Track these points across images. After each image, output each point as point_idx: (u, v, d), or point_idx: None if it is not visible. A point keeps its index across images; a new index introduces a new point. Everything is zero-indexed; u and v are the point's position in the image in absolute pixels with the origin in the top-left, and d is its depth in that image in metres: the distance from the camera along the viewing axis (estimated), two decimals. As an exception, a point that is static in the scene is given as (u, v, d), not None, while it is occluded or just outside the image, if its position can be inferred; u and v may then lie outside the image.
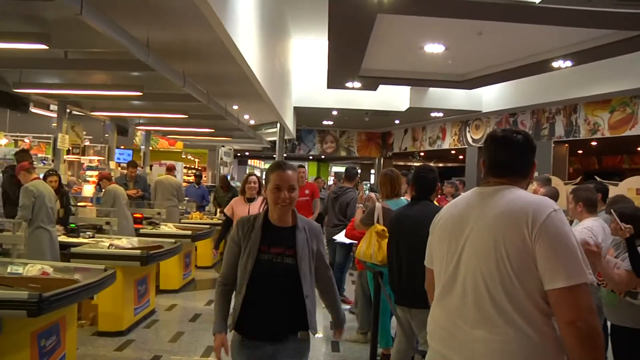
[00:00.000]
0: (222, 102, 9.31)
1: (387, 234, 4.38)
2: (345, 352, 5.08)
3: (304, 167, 9.89)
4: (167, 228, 7.40)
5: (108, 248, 5.36)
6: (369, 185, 5.62)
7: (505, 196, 1.83)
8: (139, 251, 5.16)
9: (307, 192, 7.66)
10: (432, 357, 1.97)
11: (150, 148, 14.16)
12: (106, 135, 11.49)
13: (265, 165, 29.56)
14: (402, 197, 4.67)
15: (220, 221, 9.25)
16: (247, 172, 25.69)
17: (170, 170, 9.30)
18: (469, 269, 1.82)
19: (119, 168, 11.44)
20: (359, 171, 23.18)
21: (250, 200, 5.26)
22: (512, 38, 8.53)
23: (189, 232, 7.19)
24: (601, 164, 19.41)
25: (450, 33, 8.58)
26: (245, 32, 6.00)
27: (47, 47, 4.67)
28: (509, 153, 1.94)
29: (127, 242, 5.69)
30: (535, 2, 6.03)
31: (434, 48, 9.39)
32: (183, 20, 5.15)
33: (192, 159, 19.47)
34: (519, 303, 1.69)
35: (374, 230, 4.37)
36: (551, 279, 1.64)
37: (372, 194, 5.42)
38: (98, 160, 13.14)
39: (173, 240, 6.17)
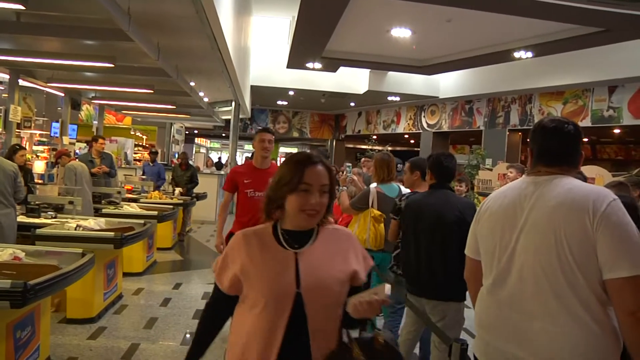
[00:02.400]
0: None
1: (383, 219, 4.33)
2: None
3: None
4: (131, 208, 7.07)
5: (75, 229, 5.05)
6: (350, 166, 5.54)
7: (562, 185, 1.80)
8: (112, 233, 4.87)
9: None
10: (483, 348, 1.96)
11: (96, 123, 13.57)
12: (59, 109, 10.87)
13: (212, 144, 29.00)
14: (393, 182, 4.60)
15: (180, 201, 9.01)
16: (194, 150, 25.14)
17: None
18: (527, 260, 1.80)
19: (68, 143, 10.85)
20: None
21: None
22: (479, 27, 8.64)
23: (155, 213, 6.90)
24: (547, 153, 20.20)
25: (420, 18, 8.59)
26: (225, 4, 5.76)
27: (24, 8, 4.26)
28: (561, 142, 1.91)
29: (94, 223, 5.36)
30: (516, -8, 6.10)
31: (401, 32, 9.39)
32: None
33: (141, 135, 18.78)
34: (580, 293, 1.68)
35: (369, 214, 4.31)
36: (612, 268, 1.62)
37: (355, 176, 5.32)
38: (39, 134, 12.46)
39: (141, 221, 5.90)
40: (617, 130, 13.64)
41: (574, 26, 7.87)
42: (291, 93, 15.35)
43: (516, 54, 9.45)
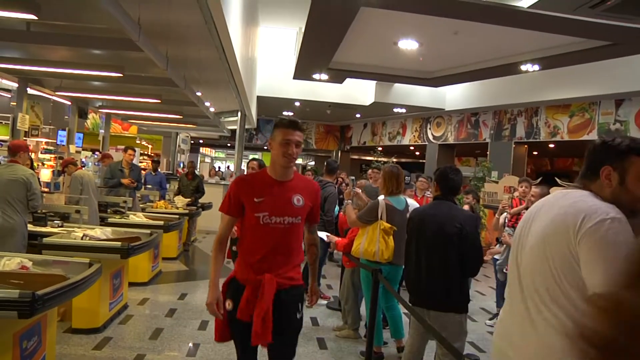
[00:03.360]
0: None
1: (392, 231, 4.32)
2: (333, 349, 4.99)
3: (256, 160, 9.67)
4: (137, 218, 7.07)
5: (82, 239, 5.04)
6: (354, 179, 5.54)
7: (569, 198, 1.82)
8: (119, 243, 4.86)
9: None
10: (494, 353, 2.04)
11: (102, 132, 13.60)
12: (65, 117, 10.92)
13: (217, 154, 29.09)
14: (400, 195, 4.62)
15: (186, 211, 9.00)
16: (199, 160, 25.19)
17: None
18: (526, 268, 1.86)
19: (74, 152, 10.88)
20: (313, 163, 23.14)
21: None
22: (486, 39, 8.65)
23: (161, 223, 6.88)
24: (553, 166, 20.18)
25: (427, 30, 8.60)
26: (234, 14, 5.79)
27: (36, 18, 4.28)
28: (587, 157, 1.93)
29: (101, 233, 5.36)
30: (523, 7, 6.11)
31: (408, 44, 9.40)
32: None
33: (146, 144, 18.82)
34: (559, 299, 1.69)
35: (379, 227, 4.30)
36: (587, 284, 1.61)
37: (359, 190, 5.34)
38: (45, 142, 12.51)
39: (148, 231, 5.89)
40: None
41: (581, 40, 7.87)
42: (297, 104, 15.38)
43: (523, 67, 9.46)
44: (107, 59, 6.88)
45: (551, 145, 14.53)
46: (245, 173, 9.22)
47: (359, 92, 14.11)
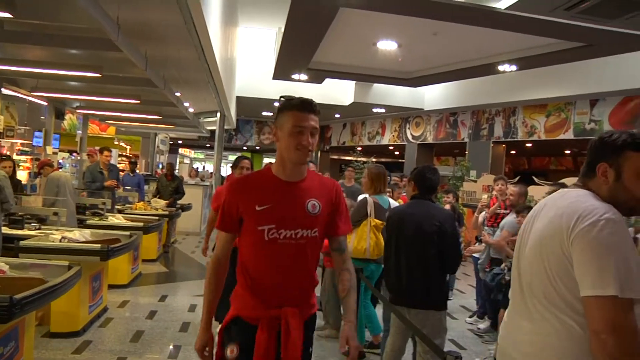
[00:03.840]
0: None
1: (382, 227, 4.37)
2: (315, 349, 4.98)
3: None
4: (116, 219, 6.99)
5: (60, 241, 4.97)
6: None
7: (567, 198, 1.79)
8: (98, 245, 4.81)
9: None
10: (499, 354, 2.00)
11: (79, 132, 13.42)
12: (42, 118, 10.75)
13: (196, 155, 28.88)
14: (384, 195, 4.70)
15: (165, 212, 8.93)
16: (178, 160, 24.98)
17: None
18: (525, 266, 1.85)
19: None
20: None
21: None
22: (464, 40, 8.74)
23: (141, 224, 6.82)
24: (530, 165, 20.48)
25: (406, 31, 8.66)
26: (213, 14, 5.76)
27: (11, 16, 4.21)
28: (587, 155, 1.90)
29: (79, 235, 5.29)
30: (500, 8, 6.19)
31: (387, 45, 9.46)
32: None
33: (125, 145, 18.61)
34: (555, 300, 1.69)
35: (369, 224, 4.36)
36: (581, 286, 1.60)
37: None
38: (21, 143, 12.30)
39: (127, 233, 5.83)
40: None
41: (557, 41, 8.00)
42: (276, 104, 15.32)
43: (500, 67, 9.58)
44: (85, 58, 6.79)
45: (528, 145, 14.76)
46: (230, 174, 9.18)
47: (339, 92, 14.14)
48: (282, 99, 2.23)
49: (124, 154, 18.01)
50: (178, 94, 9.78)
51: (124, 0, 4.63)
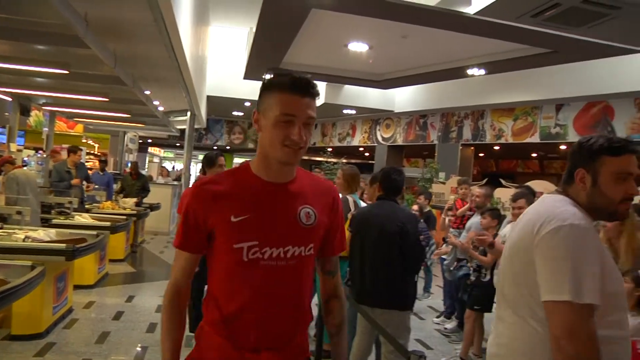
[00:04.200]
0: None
1: None
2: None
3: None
4: (82, 219, 6.88)
5: (24, 241, 4.87)
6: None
7: (542, 204, 1.79)
8: (63, 245, 4.72)
9: None
10: (488, 357, 2.01)
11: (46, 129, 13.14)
12: (6, 114, 10.48)
13: (166, 154, 28.54)
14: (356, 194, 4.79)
15: (133, 212, 8.82)
16: (147, 159, 24.63)
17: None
18: (502, 273, 1.87)
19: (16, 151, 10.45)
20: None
21: None
22: (434, 44, 8.86)
23: (108, 224, 6.73)
24: (498, 167, 20.85)
25: (377, 33, 8.74)
26: (184, 12, 5.72)
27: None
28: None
29: (44, 235, 5.19)
30: (469, 13, 6.31)
31: (358, 47, 9.54)
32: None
33: (93, 144, 18.28)
34: (521, 304, 1.71)
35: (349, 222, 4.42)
36: (540, 290, 1.62)
37: None
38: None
39: (94, 232, 5.74)
40: (563, 147, 14.17)
41: (524, 46, 8.19)
42: (247, 104, 15.29)
43: (469, 71, 9.75)
44: (51, 54, 6.66)
45: (496, 148, 15.02)
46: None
47: (310, 93, 14.15)
48: (268, 73, 1.55)
49: (92, 152, 17.69)
50: (148, 93, 9.66)
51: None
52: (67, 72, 5.68)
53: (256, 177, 1.61)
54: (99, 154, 17.74)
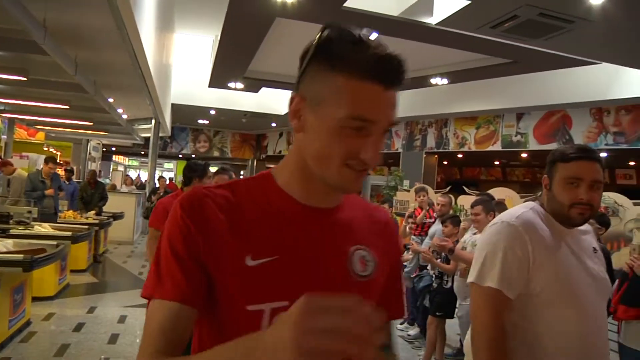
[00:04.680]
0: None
1: None
2: None
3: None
4: (42, 228, 6.71)
5: (-21, 252, 4.74)
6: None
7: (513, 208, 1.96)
8: (21, 256, 4.61)
9: None
10: None
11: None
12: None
13: (131, 162, 28.10)
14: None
15: (95, 221, 8.67)
16: (112, 168, 24.23)
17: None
18: None
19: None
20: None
21: None
22: (398, 53, 8.98)
23: (69, 234, 6.58)
24: (462, 175, 21.18)
25: (342, 43, 8.80)
26: (147, 19, 5.67)
27: None
28: None
29: (1, 246, 5.06)
30: (432, 24, 6.44)
31: (323, 55, 9.57)
32: (84, 1, 4.72)
33: (55, 152, 17.87)
34: None
35: None
36: None
37: None
38: None
39: (54, 242, 5.62)
40: (524, 155, 14.51)
41: (485, 57, 8.40)
42: (212, 112, 15.23)
43: (433, 80, 9.93)
44: (9, 60, 6.52)
45: (460, 155, 15.28)
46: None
47: (275, 101, 14.18)
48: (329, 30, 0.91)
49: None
50: (111, 100, 9.55)
51: (51, 1, 4.49)
52: (25, 78, 5.57)
53: (287, 197, 1.01)
54: (62, 162, 17.37)
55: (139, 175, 25.49)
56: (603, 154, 12.02)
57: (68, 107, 7.81)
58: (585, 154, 1.75)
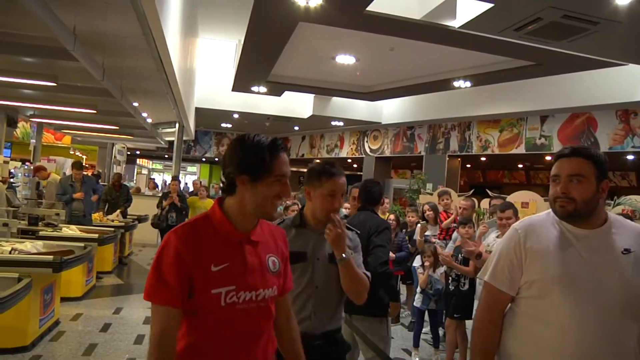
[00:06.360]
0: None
1: None
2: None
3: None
4: (70, 231, 6.86)
5: (10, 253, 4.86)
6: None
7: None
8: (51, 257, 4.72)
9: None
10: None
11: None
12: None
13: (155, 165, 28.44)
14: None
15: (122, 223, 8.81)
16: (136, 171, 24.55)
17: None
18: None
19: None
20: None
21: None
22: (420, 56, 8.98)
23: (96, 236, 6.71)
24: (485, 178, 21.01)
25: (364, 46, 8.84)
26: (172, 25, 5.77)
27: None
28: None
29: (31, 247, 5.18)
30: (454, 27, 6.42)
31: (345, 59, 9.63)
32: (112, 8, 4.82)
33: (81, 155, 18.22)
34: None
35: None
36: None
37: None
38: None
39: (82, 244, 5.74)
40: (548, 158, 14.33)
41: (509, 59, 8.33)
42: (236, 116, 15.35)
43: (455, 83, 9.87)
44: (40, 67, 6.68)
45: (483, 159, 15.16)
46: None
47: (298, 105, 14.25)
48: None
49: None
50: (136, 105, 9.70)
51: (80, 9, 4.61)
52: (55, 84, 5.71)
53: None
54: (87, 165, 17.69)
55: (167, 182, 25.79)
56: (630, 157, 11.84)
57: (95, 111, 7.96)
58: (565, 152, 1.88)
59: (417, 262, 6.19)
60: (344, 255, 2.24)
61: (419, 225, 6.58)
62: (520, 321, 1.88)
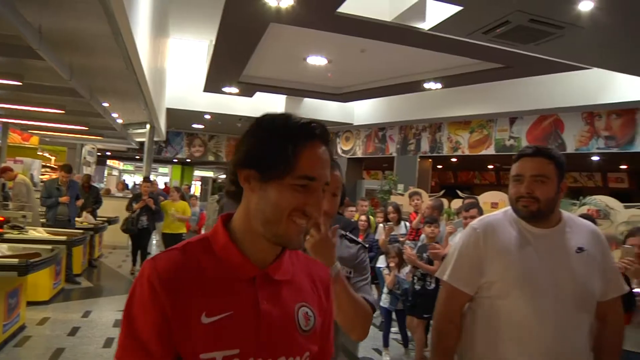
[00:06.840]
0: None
1: None
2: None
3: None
4: (37, 233, 6.72)
5: (-27, 256, 4.76)
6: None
7: None
8: (16, 260, 4.63)
9: None
10: None
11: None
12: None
13: (125, 167, 28.07)
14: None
15: (90, 225, 8.68)
16: (106, 172, 24.20)
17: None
18: None
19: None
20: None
21: None
22: (391, 58, 9.07)
23: (64, 238, 6.60)
24: (456, 179, 21.29)
25: (335, 47, 8.89)
26: (142, 25, 5.71)
27: None
28: None
29: (-4, 250, 5.09)
30: (424, 29, 6.50)
31: (316, 60, 9.67)
32: (80, 7, 4.74)
33: (49, 156, 17.84)
34: None
35: None
36: None
37: None
38: None
39: (49, 247, 5.63)
40: (517, 159, 14.57)
41: (477, 61, 8.48)
42: (207, 117, 15.24)
43: (426, 85, 10.00)
44: (4, 65, 6.53)
45: (454, 160, 15.35)
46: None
47: (270, 106, 14.18)
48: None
49: (48, 164, 17.26)
50: (106, 105, 9.56)
51: (46, 7, 4.53)
52: (20, 83, 5.59)
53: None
54: (56, 166, 17.34)
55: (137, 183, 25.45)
56: (595, 158, 12.13)
57: (63, 111, 7.81)
58: (528, 152, 1.90)
59: (380, 262, 6.23)
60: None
61: (380, 225, 6.64)
62: (480, 321, 1.89)
